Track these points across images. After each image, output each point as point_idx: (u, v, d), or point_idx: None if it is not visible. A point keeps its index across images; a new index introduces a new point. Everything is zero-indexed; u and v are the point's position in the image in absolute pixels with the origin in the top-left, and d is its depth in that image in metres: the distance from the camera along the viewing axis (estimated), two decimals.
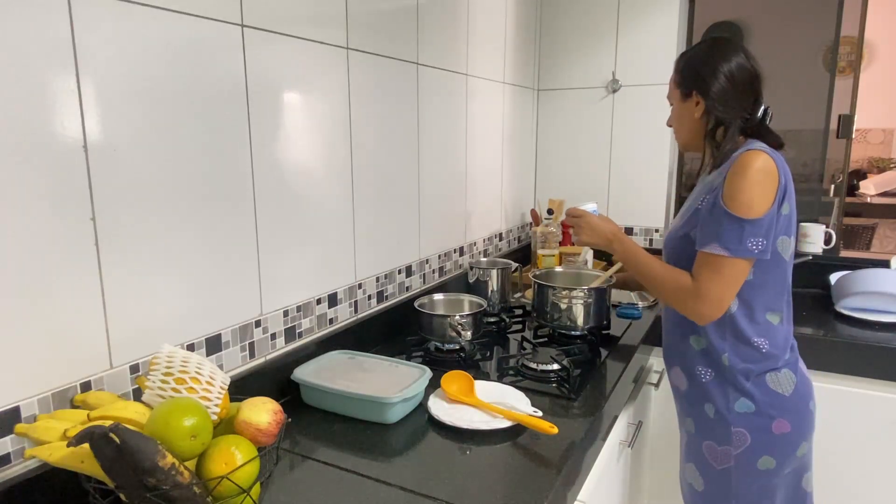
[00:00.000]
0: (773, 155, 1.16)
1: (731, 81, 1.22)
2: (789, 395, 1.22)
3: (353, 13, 1.37)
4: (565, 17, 2.38)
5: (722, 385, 1.25)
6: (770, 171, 1.13)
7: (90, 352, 0.91)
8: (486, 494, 0.92)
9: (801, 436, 1.24)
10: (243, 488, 0.80)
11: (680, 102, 1.30)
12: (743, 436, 1.23)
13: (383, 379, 1.21)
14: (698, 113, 1.27)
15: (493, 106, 2.12)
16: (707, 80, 1.23)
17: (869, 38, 4.46)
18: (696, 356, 1.29)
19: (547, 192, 2.53)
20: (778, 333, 1.23)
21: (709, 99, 1.23)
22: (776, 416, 1.21)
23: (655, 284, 1.27)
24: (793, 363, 1.25)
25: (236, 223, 1.14)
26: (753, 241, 1.13)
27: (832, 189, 2.82)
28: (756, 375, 1.22)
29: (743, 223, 1.12)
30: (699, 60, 1.26)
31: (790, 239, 1.20)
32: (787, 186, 1.16)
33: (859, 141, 4.72)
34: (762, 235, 1.13)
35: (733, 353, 1.23)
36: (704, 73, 1.23)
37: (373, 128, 1.49)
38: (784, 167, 1.17)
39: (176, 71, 0.99)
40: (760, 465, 1.23)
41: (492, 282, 1.82)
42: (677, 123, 1.34)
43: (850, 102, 2.44)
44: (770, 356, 1.22)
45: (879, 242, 3.62)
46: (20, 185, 0.80)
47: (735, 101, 1.22)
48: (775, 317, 1.23)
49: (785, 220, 1.17)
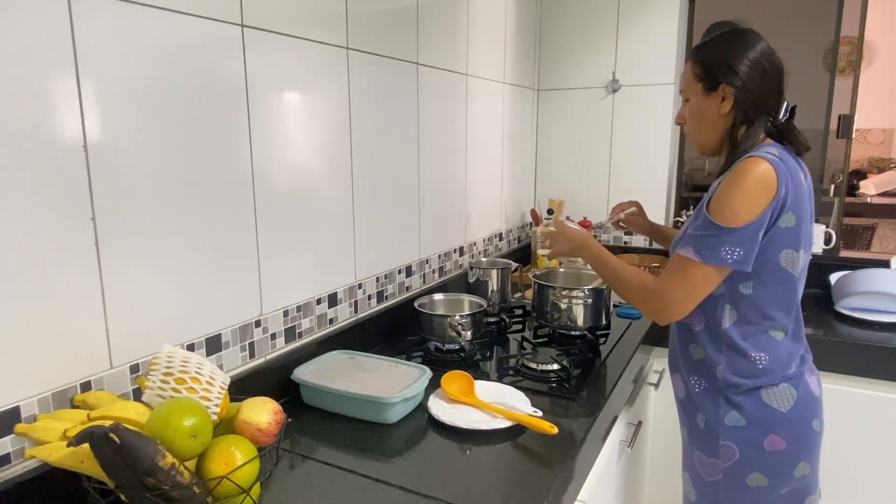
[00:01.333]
0: (778, 164, 1.07)
1: (759, 71, 1.13)
2: (786, 411, 1.15)
3: (353, 13, 1.37)
4: (565, 17, 2.38)
5: (713, 396, 1.20)
6: (766, 182, 1.06)
7: (90, 352, 0.91)
8: (486, 494, 0.92)
9: (798, 455, 1.16)
10: (243, 488, 0.80)
11: (702, 97, 1.19)
12: (731, 450, 1.17)
13: (383, 379, 1.21)
14: (726, 108, 1.16)
15: (492, 106, 2.12)
16: (736, 70, 1.13)
17: (869, 38, 4.46)
18: (693, 366, 1.25)
19: (547, 192, 2.53)
20: (780, 349, 1.16)
21: (739, 91, 1.13)
22: (769, 431, 1.15)
23: (620, 283, 1.23)
24: (796, 378, 1.17)
25: (236, 223, 1.14)
26: (728, 251, 1.07)
27: (832, 189, 2.82)
28: (749, 390, 1.16)
29: (721, 231, 1.07)
30: (725, 49, 1.15)
31: (798, 253, 1.12)
32: (791, 197, 1.08)
33: (859, 141, 4.72)
34: (740, 245, 1.07)
35: (728, 366, 1.18)
36: (734, 61, 1.13)
37: (373, 128, 1.49)
38: (790, 177, 1.08)
39: (176, 71, 0.99)
40: (750, 482, 1.17)
41: (492, 282, 1.82)
42: (698, 122, 1.22)
43: (850, 102, 2.44)
44: (768, 372, 1.15)
45: (879, 242, 3.62)
46: (20, 184, 0.80)
47: (763, 95, 1.14)
48: (778, 332, 1.16)
49: (789, 232, 1.09)
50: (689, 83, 1.22)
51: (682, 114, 1.26)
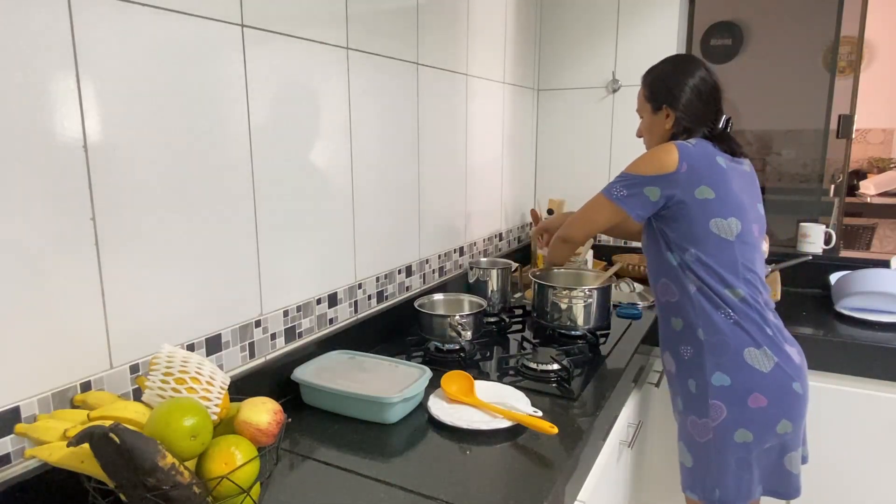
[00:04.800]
0: (683, 146, 1.28)
1: (696, 94, 1.36)
2: (767, 371, 1.28)
3: (353, 13, 1.37)
4: (565, 17, 2.38)
5: (701, 359, 1.33)
6: (666, 153, 1.28)
7: (90, 352, 0.91)
8: (486, 494, 0.92)
9: (780, 412, 1.29)
10: (243, 488, 0.80)
11: (651, 115, 1.43)
12: (719, 408, 1.30)
13: (383, 379, 1.21)
14: (669, 124, 1.39)
15: (493, 106, 2.12)
16: (675, 95, 1.36)
17: (869, 38, 4.46)
18: (678, 336, 1.38)
19: (547, 192, 2.53)
20: (744, 305, 1.30)
21: (678, 111, 1.37)
22: (752, 390, 1.28)
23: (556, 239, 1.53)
24: (775, 345, 1.30)
25: (236, 222, 1.14)
26: (618, 188, 1.33)
27: (832, 189, 2.82)
28: (733, 350, 1.29)
29: (619, 176, 1.34)
30: (667, 76, 1.39)
31: (727, 221, 1.29)
32: (701, 174, 1.27)
33: (859, 141, 4.72)
34: (627, 188, 1.31)
35: (706, 327, 1.32)
36: (672, 87, 1.37)
37: (373, 128, 1.49)
38: (699, 157, 1.28)
39: (176, 70, 0.99)
40: (738, 438, 1.30)
41: (492, 282, 1.82)
42: (648, 134, 1.47)
43: (850, 102, 2.44)
44: (741, 327, 1.29)
45: (879, 242, 3.62)
46: (20, 184, 0.80)
47: (701, 112, 1.36)
48: (737, 292, 1.30)
49: (711, 204, 1.27)
50: (641, 103, 1.46)
51: (640, 128, 1.50)
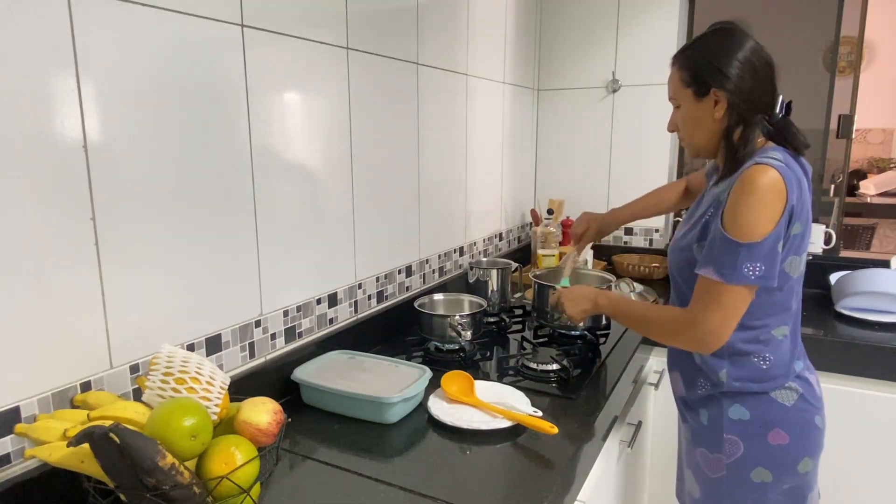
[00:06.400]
0: (785, 171, 1.03)
1: (751, 71, 1.08)
2: (790, 405, 1.14)
3: (353, 13, 1.37)
4: (565, 18, 2.38)
5: (717, 395, 1.19)
6: (777, 191, 1.01)
7: (90, 352, 0.91)
8: (486, 494, 0.92)
9: (802, 450, 1.15)
10: (243, 488, 0.80)
11: (693, 103, 1.14)
12: (735, 444, 1.16)
13: (383, 379, 1.21)
14: (719, 112, 1.11)
15: (493, 106, 2.12)
16: (726, 72, 1.08)
17: (869, 38, 4.45)
18: (696, 369, 1.22)
19: (547, 192, 2.53)
20: (781, 347, 1.15)
21: (732, 94, 1.08)
22: (773, 425, 1.14)
23: (649, 325, 1.19)
24: (800, 377, 1.17)
25: (236, 223, 1.14)
26: (750, 267, 1.02)
27: (832, 189, 2.82)
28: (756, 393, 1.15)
29: (739, 248, 1.02)
30: (712, 52, 1.10)
31: (800, 257, 1.10)
32: (798, 203, 1.04)
33: (859, 141, 4.72)
34: (761, 260, 1.02)
35: (731, 371, 1.15)
36: (722, 64, 1.08)
37: (373, 128, 1.49)
38: (796, 181, 1.05)
39: (176, 70, 0.99)
40: (754, 477, 1.16)
41: (492, 282, 1.82)
42: (691, 127, 1.16)
43: (850, 102, 2.44)
44: (773, 371, 1.14)
45: (879, 242, 3.62)
46: (20, 184, 0.80)
47: (756, 95, 1.09)
48: (778, 332, 1.14)
49: (796, 239, 1.07)
50: (677, 89, 1.17)
51: (674, 120, 1.21)
